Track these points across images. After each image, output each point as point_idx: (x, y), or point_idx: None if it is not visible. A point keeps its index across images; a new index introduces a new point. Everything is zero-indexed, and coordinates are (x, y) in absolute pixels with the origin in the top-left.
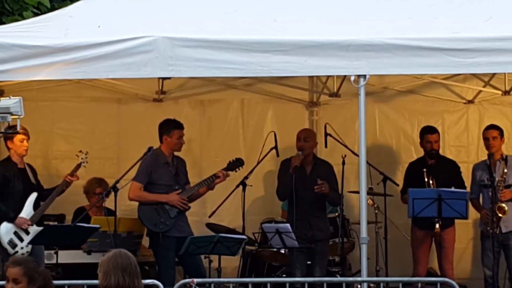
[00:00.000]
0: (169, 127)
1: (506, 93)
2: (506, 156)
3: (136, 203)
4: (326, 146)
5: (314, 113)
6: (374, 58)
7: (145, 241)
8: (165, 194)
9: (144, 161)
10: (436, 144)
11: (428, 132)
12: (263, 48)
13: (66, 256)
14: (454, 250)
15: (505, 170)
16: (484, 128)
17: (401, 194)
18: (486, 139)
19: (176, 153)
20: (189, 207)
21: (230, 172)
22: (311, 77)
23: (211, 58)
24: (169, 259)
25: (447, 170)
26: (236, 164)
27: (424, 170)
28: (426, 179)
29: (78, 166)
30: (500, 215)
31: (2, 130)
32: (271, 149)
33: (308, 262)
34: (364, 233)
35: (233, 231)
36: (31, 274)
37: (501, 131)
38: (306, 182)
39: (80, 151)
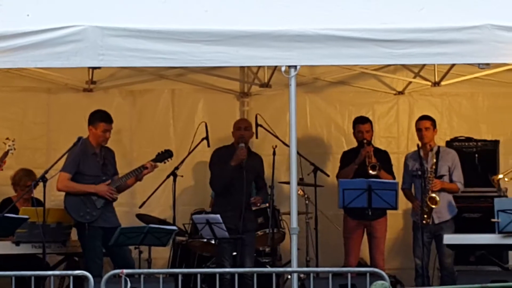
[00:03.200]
0: (96, 118)
1: (435, 84)
2: (439, 147)
3: None
4: (257, 137)
5: (245, 104)
6: (305, 49)
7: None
8: (93, 185)
9: (73, 151)
10: (368, 134)
11: (359, 122)
12: (194, 38)
13: None
14: (385, 241)
15: (434, 160)
16: (416, 119)
17: (337, 178)
18: (418, 130)
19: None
20: (117, 198)
21: (159, 163)
22: (242, 68)
23: (141, 48)
24: (95, 249)
25: (378, 160)
26: (165, 155)
27: (365, 141)
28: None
29: (6, 153)
30: (432, 206)
31: None
32: (202, 139)
33: (234, 253)
34: (294, 223)
35: (163, 222)
36: None
37: (433, 122)
38: (241, 172)
39: (7, 138)
